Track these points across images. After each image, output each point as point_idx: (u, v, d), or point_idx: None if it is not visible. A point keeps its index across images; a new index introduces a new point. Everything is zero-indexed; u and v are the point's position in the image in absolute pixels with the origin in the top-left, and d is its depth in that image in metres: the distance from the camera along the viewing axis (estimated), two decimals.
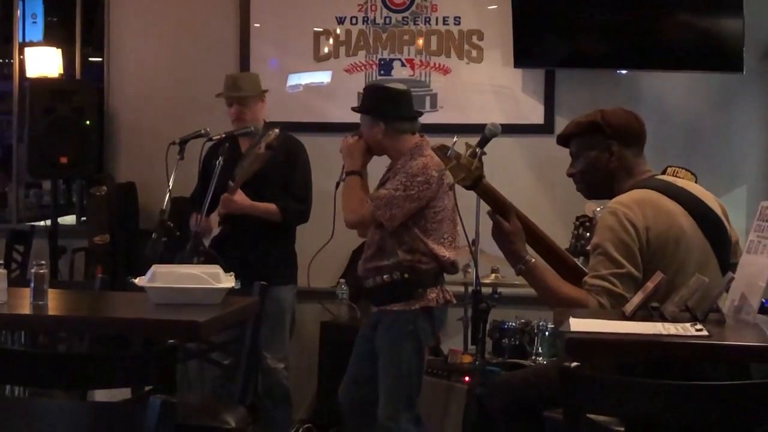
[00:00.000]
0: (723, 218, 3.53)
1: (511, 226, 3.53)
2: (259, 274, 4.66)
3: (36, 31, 7.92)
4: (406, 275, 4.68)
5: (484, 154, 3.67)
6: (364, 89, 5.20)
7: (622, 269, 3.32)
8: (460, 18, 6.64)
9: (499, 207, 3.62)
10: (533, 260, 3.53)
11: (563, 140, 3.76)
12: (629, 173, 3.60)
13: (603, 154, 3.61)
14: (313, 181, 5.52)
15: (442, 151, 3.63)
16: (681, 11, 6.14)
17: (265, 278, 4.36)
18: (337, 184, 4.84)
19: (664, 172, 3.71)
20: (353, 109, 4.99)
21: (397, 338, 4.71)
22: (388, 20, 6.70)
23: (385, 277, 4.71)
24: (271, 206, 5.31)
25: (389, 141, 4.81)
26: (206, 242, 5.41)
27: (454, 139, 3.65)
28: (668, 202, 3.44)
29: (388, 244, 4.71)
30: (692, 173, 5.53)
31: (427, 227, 4.70)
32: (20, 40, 7.47)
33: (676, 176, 3.69)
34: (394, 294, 4.71)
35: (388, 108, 4.84)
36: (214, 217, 5.37)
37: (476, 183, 3.58)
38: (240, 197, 5.23)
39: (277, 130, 5.05)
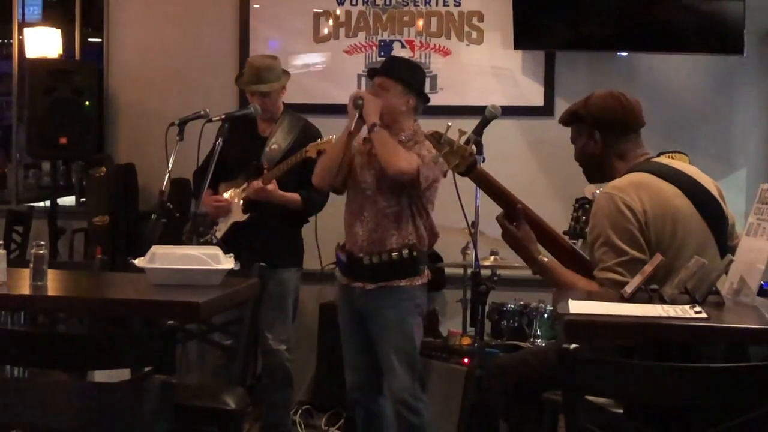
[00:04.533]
0: (720, 200, 3.54)
1: (520, 232, 3.57)
2: (265, 256, 4.66)
3: (35, 10, 7.91)
4: (414, 253, 4.71)
5: (479, 140, 3.67)
6: (396, 59, 5.09)
7: (626, 256, 3.32)
8: None
9: (497, 196, 3.64)
10: (546, 260, 3.59)
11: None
12: (621, 158, 3.61)
13: (589, 142, 3.64)
14: None
15: (435, 137, 3.63)
16: None
17: (270, 261, 4.37)
18: (350, 131, 4.70)
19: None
20: (383, 74, 4.77)
21: (406, 313, 4.75)
22: (388, 1, 6.68)
23: (393, 254, 4.70)
24: (296, 196, 5.32)
25: (404, 116, 4.77)
26: (224, 225, 5.42)
27: (448, 124, 3.65)
28: (664, 185, 3.44)
29: (403, 216, 4.70)
30: (684, 153, 5.54)
31: (431, 201, 4.78)
32: (20, 19, 7.45)
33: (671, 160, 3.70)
34: (400, 270, 4.72)
35: (421, 86, 4.88)
36: (236, 201, 5.38)
37: (470, 169, 3.60)
38: (273, 187, 5.25)
39: (332, 138, 5.09)
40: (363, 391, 4.90)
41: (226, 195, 5.45)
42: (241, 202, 5.38)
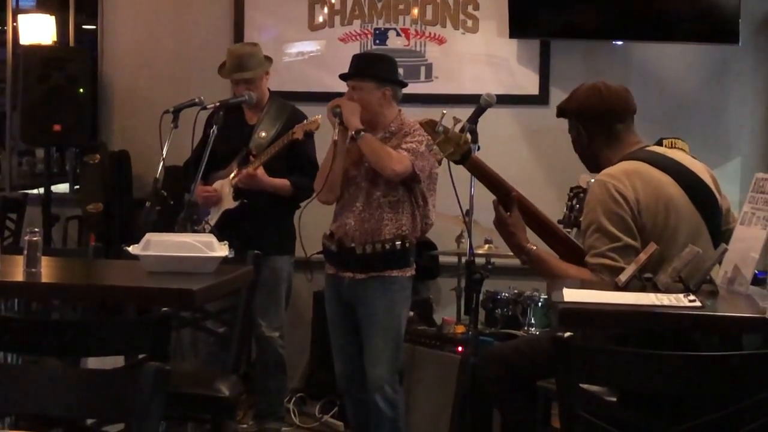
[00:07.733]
0: (713, 187, 3.54)
1: (511, 218, 3.57)
2: (258, 244, 4.66)
3: None
4: (407, 244, 4.72)
5: (474, 128, 3.67)
6: (360, 57, 5.17)
7: (619, 242, 3.33)
8: None
9: (491, 184, 3.64)
10: (535, 248, 3.59)
11: None
12: (611, 148, 3.61)
13: (579, 136, 3.67)
14: None
15: (430, 125, 3.63)
16: None
17: (262, 248, 4.37)
18: (335, 143, 4.72)
19: (660, 144, 3.72)
20: (353, 76, 4.83)
21: (396, 304, 4.76)
22: None
23: (387, 245, 4.69)
24: (285, 182, 5.32)
25: (386, 107, 4.79)
26: (215, 214, 5.42)
27: (443, 112, 3.65)
28: (657, 173, 3.45)
29: (400, 205, 4.71)
30: (683, 140, 5.53)
31: (432, 189, 4.78)
32: (13, 6, 7.43)
33: (674, 147, 3.70)
34: (392, 261, 4.73)
35: (394, 74, 4.88)
36: (227, 190, 5.38)
37: (465, 157, 3.61)
38: (261, 173, 5.25)
39: (319, 118, 5.10)
40: (352, 381, 4.90)
41: (217, 185, 5.44)
42: (231, 189, 5.37)
